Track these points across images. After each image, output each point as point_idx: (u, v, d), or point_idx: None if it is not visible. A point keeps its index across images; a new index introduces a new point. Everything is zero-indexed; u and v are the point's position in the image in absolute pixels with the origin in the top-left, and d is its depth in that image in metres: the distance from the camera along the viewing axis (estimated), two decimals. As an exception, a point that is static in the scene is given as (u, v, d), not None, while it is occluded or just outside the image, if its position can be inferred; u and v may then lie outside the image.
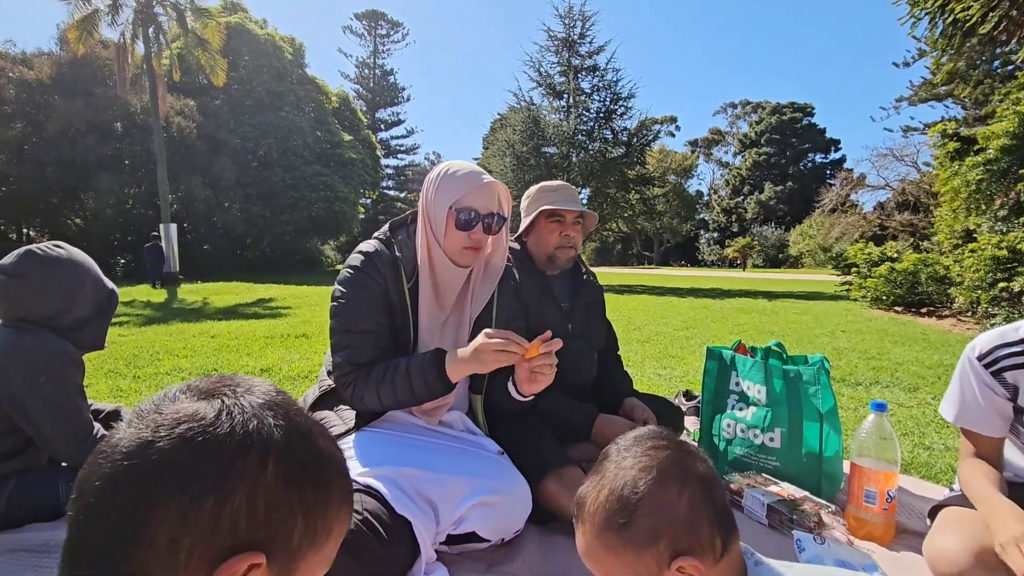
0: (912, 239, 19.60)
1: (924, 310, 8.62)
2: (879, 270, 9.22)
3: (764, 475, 1.73)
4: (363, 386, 1.33)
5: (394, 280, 1.39)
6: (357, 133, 29.70)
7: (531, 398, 1.40)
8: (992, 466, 1.20)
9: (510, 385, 1.38)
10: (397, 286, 1.39)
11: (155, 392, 2.31)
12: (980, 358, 1.20)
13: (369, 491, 1.15)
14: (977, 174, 6.93)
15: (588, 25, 16.80)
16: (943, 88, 19.66)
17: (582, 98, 16.95)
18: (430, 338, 1.42)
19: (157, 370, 3.69)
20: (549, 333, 1.25)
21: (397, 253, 1.41)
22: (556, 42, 16.99)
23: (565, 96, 17.14)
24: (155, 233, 14.77)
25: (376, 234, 1.49)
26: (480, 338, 1.25)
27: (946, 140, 7.74)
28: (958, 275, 7.54)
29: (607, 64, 16.89)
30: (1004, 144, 6.66)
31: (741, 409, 1.86)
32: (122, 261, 22.35)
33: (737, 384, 1.90)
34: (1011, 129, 6.64)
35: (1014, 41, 6.39)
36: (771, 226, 51.12)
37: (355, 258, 1.41)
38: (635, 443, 0.70)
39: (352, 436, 1.32)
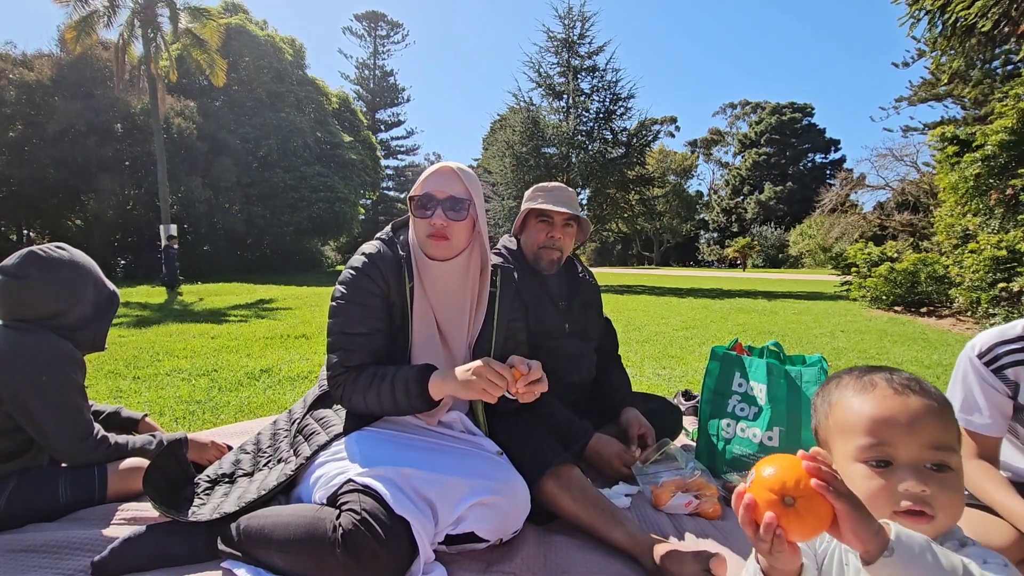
0: (912, 239, 19.59)
1: (924, 310, 8.63)
2: (879, 270, 9.23)
3: (762, 475, 1.73)
4: (351, 389, 1.34)
5: (396, 280, 1.40)
6: (357, 134, 29.70)
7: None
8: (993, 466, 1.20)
9: None
10: (399, 286, 1.40)
11: (155, 393, 2.32)
12: (980, 356, 1.20)
13: (367, 491, 1.15)
14: (976, 169, 6.93)
15: (587, 26, 16.82)
16: (943, 88, 19.65)
17: (582, 99, 16.96)
18: (426, 340, 1.43)
19: (157, 371, 3.70)
20: (527, 368, 1.22)
21: (401, 253, 1.42)
22: (556, 43, 17.00)
23: (565, 97, 17.14)
24: (173, 235, 14.25)
25: (379, 235, 1.50)
26: (475, 365, 1.23)
27: (946, 144, 7.73)
28: (958, 275, 7.54)
29: (607, 64, 16.92)
30: (1003, 140, 6.66)
31: (743, 410, 1.87)
32: (123, 262, 22.35)
33: (741, 385, 1.90)
34: (1010, 125, 6.63)
35: (1013, 40, 6.40)
36: (771, 226, 51.08)
37: (357, 259, 1.42)
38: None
39: (351, 435, 1.32)
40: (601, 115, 16.77)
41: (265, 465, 1.44)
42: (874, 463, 0.71)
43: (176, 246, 13.75)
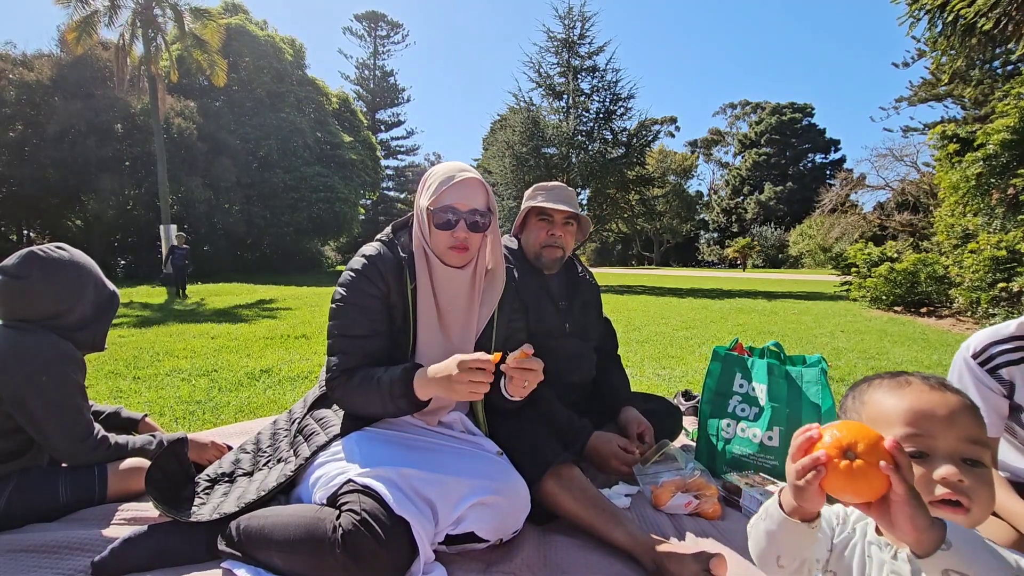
0: (912, 239, 19.58)
1: (923, 310, 8.62)
2: (879, 270, 9.23)
3: (762, 475, 1.73)
4: (345, 391, 1.34)
5: (397, 282, 1.39)
6: (357, 134, 29.70)
7: (520, 399, 1.38)
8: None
9: (501, 385, 1.38)
10: (400, 288, 1.39)
11: (155, 393, 2.31)
12: (975, 356, 1.20)
13: (367, 491, 1.15)
14: (977, 168, 6.93)
15: (588, 26, 16.83)
16: (943, 88, 19.66)
17: (582, 99, 16.96)
18: (430, 341, 1.42)
19: (157, 371, 3.70)
20: (530, 350, 1.20)
21: (402, 254, 1.42)
22: (556, 43, 17.01)
23: (565, 97, 17.15)
24: (181, 233, 13.19)
25: (379, 236, 1.50)
26: (452, 365, 1.19)
27: (946, 142, 7.73)
28: (958, 276, 7.54)
29: (607, 65, 16.93)
30: (1004, 139, 6.65)
31: (744, 410, 1.87)
32: (123, 262, 22.37)
33: (742, 386, 1.90)
34: (1012, 124, 6.63)
35: (1014, 40, 6.39)
36: (771, 226, 51.05)
37: (357, 261, 1.41)
38: None
39: (351, 435, 1.32)
40: (601, 115, 16.77)
41: (265, 465, 1.44)
42: (911, 453, 0.72)
43: (185, 246, 12.09)
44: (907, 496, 0.61)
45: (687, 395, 2.76)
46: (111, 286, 1.61)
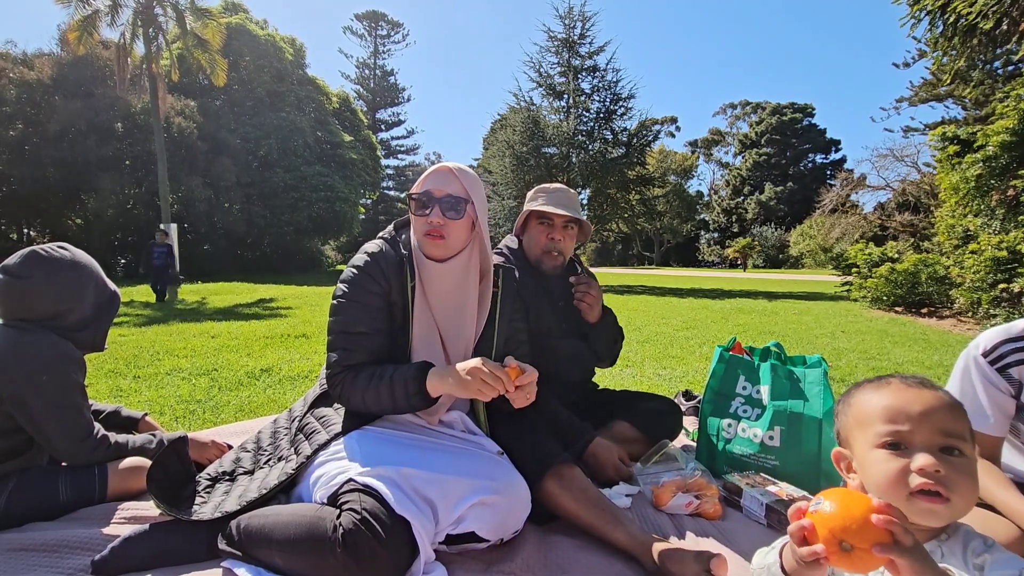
0: (912, 239, 19.60)
1: (924, 311, 8.62)
2: (879, 270, 9.23)
3: (763, 475, 1.73)
4: (350, 388, 1.34)
5: (398, 279, 1.40)
6: (357, 133, 29.69)
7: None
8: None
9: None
10: (401, 285, 1.40)
11: (155, 392, 2.32)
12: (985, 354, 1.20)
13: (368, 491, 1.15)
14: (977, 170, 6.93)
15: (588, 26, 16.83)
16: (943, 88, 19.65)
17: (582, 98, 16.95)
18: (426, 340, 1.42)
19: (157, 370, 3.70)
20: (532, 370, 1.25)
21: (404, 251, 1.43)
22: (556, 43, 17.01)
23: (565, 96, 17.14)
24: (163, 230, 11.74)
25: (381, 233, 1.51)
26: (473, 363, 1.24)
27: (946, 144, 7.73)
28: (958, 276, 7.54)
29: (607, 64, 16.92)
30: (1004, 140, 6.66)
31: (746, 411, 1.86)
32: (123, 261, 22.37)
33: (745, 388, 1.90)
34: (1011, 126, 6.63)
35: (1015, 40, 6.39)
36: (771, 226, 51.02)
37: (359, 258, 1.42)
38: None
39: (351, 435, 1.32)
40: (601, 115, 16.77)
41: (266, 463, 1.44)
42: (891, 446, 0.75)
43: (167, 242, 10.26)
44: (911, 564, 0.63)
45: (688, 395, 2.76)
46: (112, 286, 1.61)
